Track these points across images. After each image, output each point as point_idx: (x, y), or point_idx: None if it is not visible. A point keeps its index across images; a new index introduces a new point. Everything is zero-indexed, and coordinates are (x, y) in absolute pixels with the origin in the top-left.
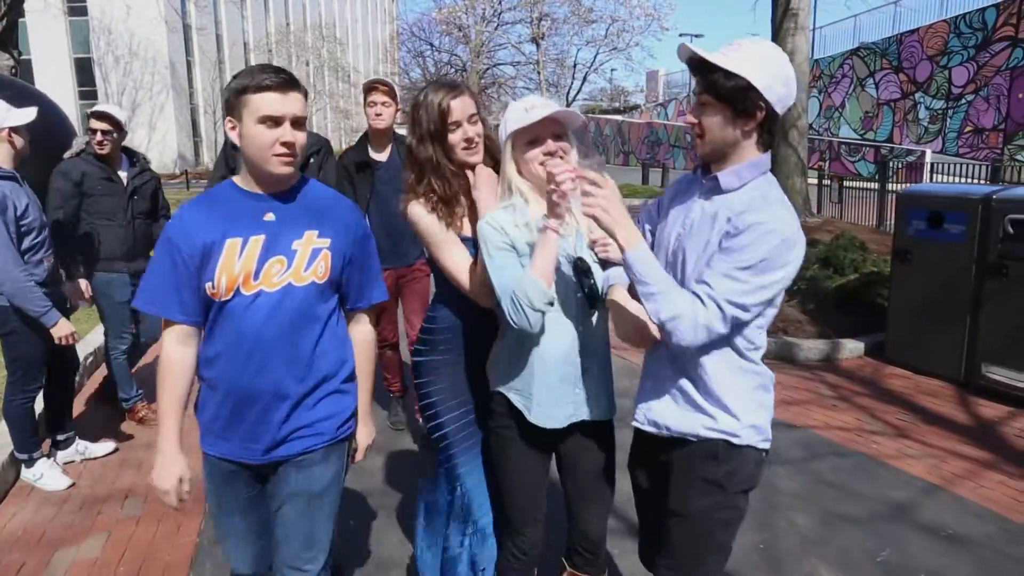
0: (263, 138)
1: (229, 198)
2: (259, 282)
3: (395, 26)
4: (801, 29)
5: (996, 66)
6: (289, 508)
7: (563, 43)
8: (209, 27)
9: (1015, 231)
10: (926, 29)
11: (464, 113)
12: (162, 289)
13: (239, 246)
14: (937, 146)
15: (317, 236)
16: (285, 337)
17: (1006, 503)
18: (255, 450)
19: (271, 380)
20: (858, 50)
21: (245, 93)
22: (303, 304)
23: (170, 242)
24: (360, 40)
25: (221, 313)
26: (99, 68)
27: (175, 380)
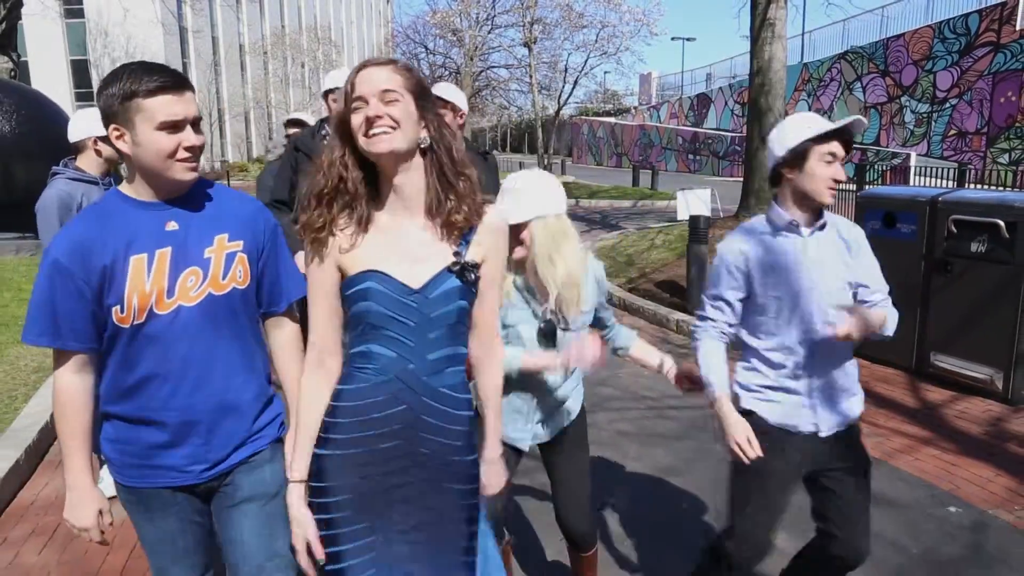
0: (164, 145)
1: (121, 210)
2: (175, 298)
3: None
4: (778, 38)
5: (979, 71)
6: (244, 517)
7: (555, 47)
8: (205, 30)
9: (958, 231)
10: (912, 34)
11: None
12: (51, 318)
13: (145, 262)
14: (923, 149)
15: (228, 240)
16: (217, 350)
17: (937, 473)
18: (196, 471)
19: (211, 396)
20: (846, 54)
21: (135, 98)
22: (228, 313)
23: (59, 265)
24: (355, 42)
25: (138, 339)
26: (95, 70)
27: (77, 411)
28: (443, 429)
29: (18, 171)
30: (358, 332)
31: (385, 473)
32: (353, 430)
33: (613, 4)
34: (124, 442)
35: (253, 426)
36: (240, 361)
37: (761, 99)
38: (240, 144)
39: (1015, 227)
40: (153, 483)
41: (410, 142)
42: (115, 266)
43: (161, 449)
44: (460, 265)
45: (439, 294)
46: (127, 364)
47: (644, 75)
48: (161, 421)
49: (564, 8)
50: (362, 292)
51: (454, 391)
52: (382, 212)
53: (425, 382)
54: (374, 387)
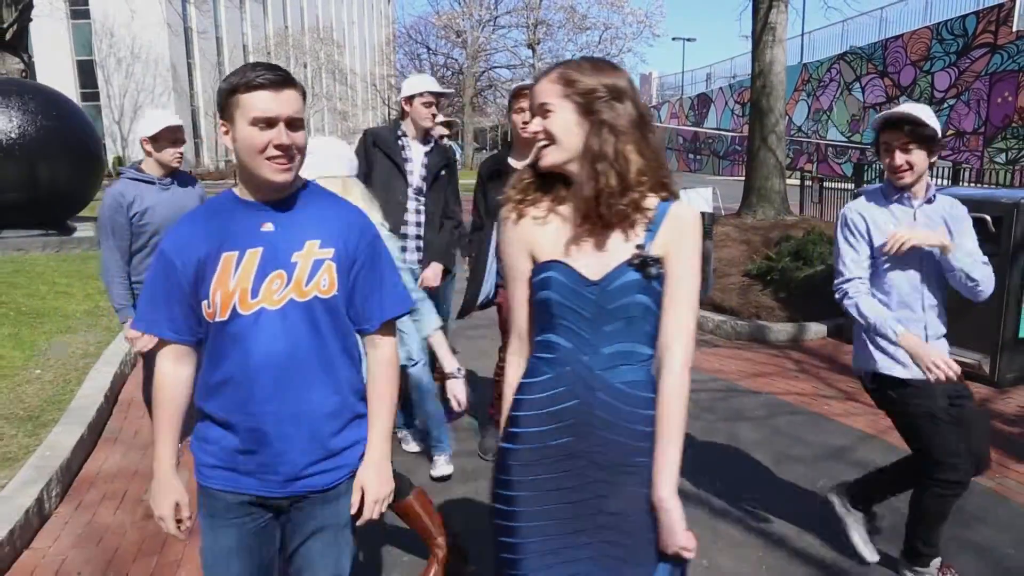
0: (255, 141)
1: (227, 208)
2: (258, 300)
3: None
4: (779, 42)
5: (976, 71)
6: (316, 543)
7: (558, 48)
8: (209, 30)
9: None
10: (910, 35)
11: None
12: (153, 305)
13: (235, 260)
14: None
15: (319, 247)
16: (295, 359)
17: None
18: (273, 482)
19: (286, 406)
20: (845, 55)
21: (236, 93)
22: (309, 322)
23: (164, 256)
24: (357, 42)
25: (222, 337)
26: (101, 70)
27: (169, 400)
28: (619, 427)
29: (41, 170)
30: (541, 321)
31: (560, 472)
32: (532, 423)
33: (615, 6)
34: (205, 440)
35: (330, 445)
36: (319, 373)
37: (762, 100)
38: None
39: (1001, 221)
40: (226, 486)
41: (569, 152)
42: (207, 260)
43: (236, 453)
44: (641, 259)
45: (616, 287)
46: (212, 362)
47: (645, 75)
48: (236, 424)
49: (567, 10)
50: (545, 281)
51: (633, 388)
52: (567, 203)
53: (600, 376)
54: (553, 379)
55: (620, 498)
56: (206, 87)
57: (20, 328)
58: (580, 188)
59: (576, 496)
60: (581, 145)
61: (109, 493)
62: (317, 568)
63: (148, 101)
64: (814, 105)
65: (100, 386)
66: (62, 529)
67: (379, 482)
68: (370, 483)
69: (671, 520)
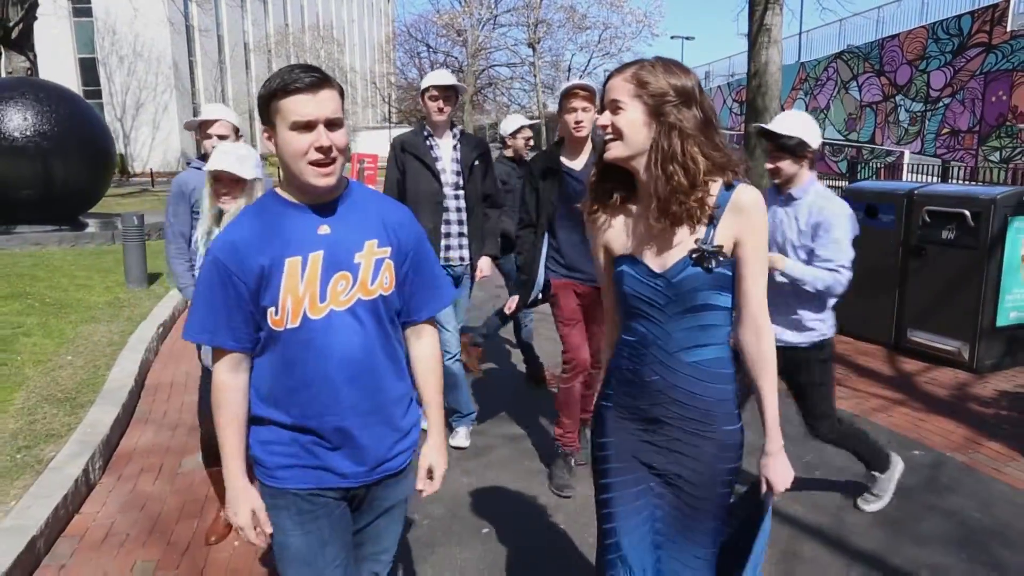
0: (296, 145)
1: (278, 212)
2: (327, 303)
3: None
4: (774, 43)
5: (971, 71)
6: (384, 519)
7: (558, 47)
8: (211, 28)
9: (931, 220)
10: (906, 34)
11: None
12: (212, 315)
13: (299, 265)
14: (916, 147)
15: (377, 246)
16: (368, 355)
17: (905, 425)
18: (358, 473)
19: (365, 400)
20: (842, 54)
21: (274, 98)
22: (375, 318)
23: (219, 264)
24: (356, 40)
25: (293, 343)
26: (103, 68)
27: (233, 410)
28: (696, 400)
29: (56, 168)
30: (624, 309)
31: (646, 429)
32: (620, 391)
33: (615, 6)
34: (281, 443)
35: (400, 428)
36: (388, 365)
37: (758, 99)
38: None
39: (979, 216)
40: (307, 484)
41: (634, 148)
42: (272, 268)
43: (321, 450)
44: (700, 252)
45: (681, 279)
46: (285, 367)
47: None
48: (320, 423)
49: (567, 10)
50: (619, 274)
51: (709, 366)
52: (637, 199)
53: (675, 356)
54: (635, 358)
55: (696, 460)
56: (207, 85)
57: (47, 318)
58: (651, 186)
59: (659, 451)
60: (645, 144)
61: (146, 466)
62: (382, 541)
63: (150, 99)
64: (811, 103)
65: (129, 371)
66: (107, 497)
67: (443, 458)
68: (437, 461)
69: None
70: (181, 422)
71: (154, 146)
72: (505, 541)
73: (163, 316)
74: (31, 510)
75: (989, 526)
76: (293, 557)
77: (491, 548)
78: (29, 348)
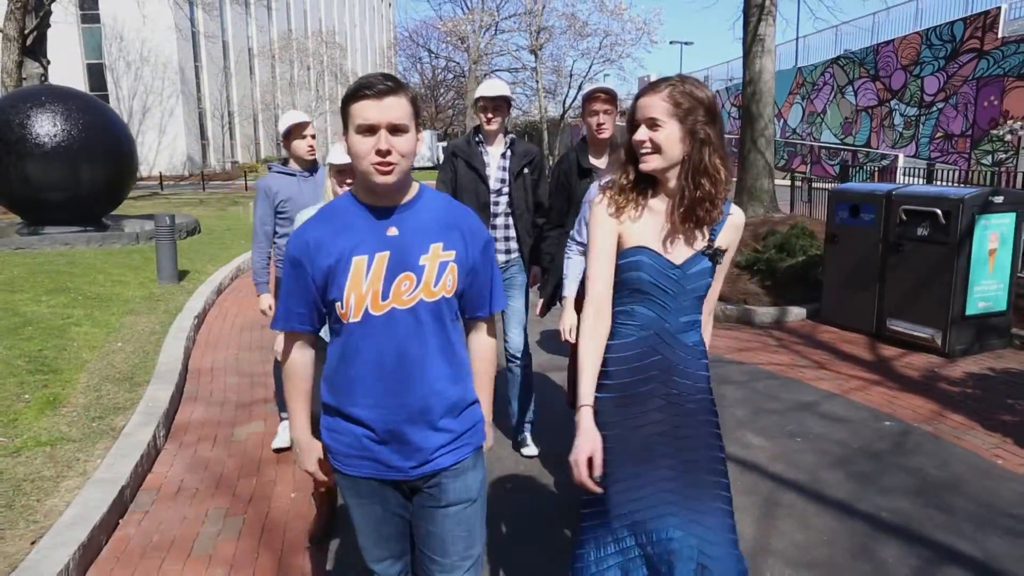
0: (360, 147)
1: (349, 212)
2: (389, 300)
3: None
4: (767, 52)
5: (964, 76)
6: (448, 517)
7: (560, 53)
8: (216, 34)
9: (908, 218)
10: (901, 40)
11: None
12: (289, 305)
13: (365, 264)
14: (911, 151)
15: (442, 249)
16: (425, 354)
17: (879, 402)
18: (406, 467)
19: (418, 399)
20: (838, 59)
21: (347, 104)
22: (436, 319)
23: (294, 259)
24: (359, 45)
25: (356, 336)
26: (110, 73)
27: (301, 379)
28: (689, 374)
29: (83, 171)
30: (624, 295)
31: (646, 411)
32: (621, 376)
33: (615, 14)
34: (340, 432)
35: (456, 429)
36: (445, 366)
37: (752, 106)
38: (249, 145)
39: (950, 215)
40: (364, 472)
41: (669, 161)
42: (338, 264)
43: (371, 442)
44: (713, 250)
45: (695, 271)
46: (345, 359)
47: (643, 78)
48: (371, 417)
49: (569, 17)
50: (636, 263)
51: (697, 345)
52: (656, 200)
53: (676, 337)
54: (636, 340)
55: (692, 424)
56: (212, 90)
57: (92, 310)
58: (679, 193)
59: (658, 427)
60: (679, 157)
61: (203, 436)
62: (452, 540)
63: (156, 103)
64: (808, 108)
65: (175, 356)
66: (173, 459)
67: (489, 437)
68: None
69: None
70: (227, 400)
71: (160, 150)
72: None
73: (197, 308)
74: (115, 466)
75: (944, 480)
76: (358, 532)
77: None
78: (82, 336)
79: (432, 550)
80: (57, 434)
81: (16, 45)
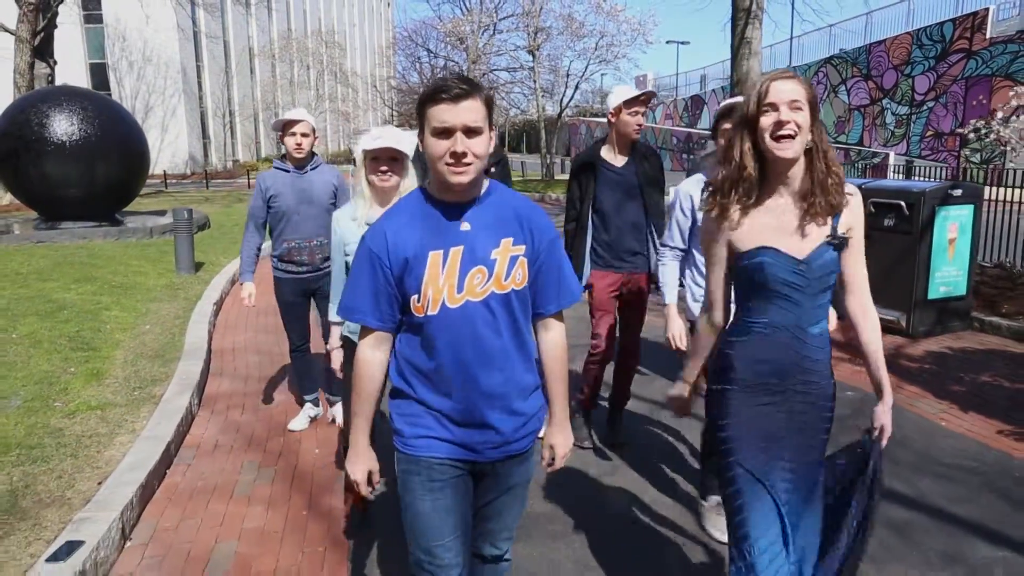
0: (435, 149)
1: (424, 209)
2: (463, 293)
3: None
4: (754, 54)
5: (953, 75)
6: (507, 497)
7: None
8: (218, 34)
9: (876, 210)
10: (892, 40)
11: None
12: (362, 297)
13: (441, 258)
14: (902, 149)
15: (512, 244)
16: (499, 344)
17: (846, 376)
18: (484, 450)
19: (495, 385)
20: (831, 59)
21: (424, 106)
22: (507, 311)
23: (371, 253)
24: (357, 44)
25: (434, 327)
26: (113, 73)
27: (369, 381)
28: (815, 363)
29: (98, 169)
30: (752, 296)
31: (767, 402)
32: (745, 371)
33: (611, 15)
34: (416, 416)
35: (526, 413)
36: (516, 354)
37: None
38: (250, 144)
39: (913, 207)
40: (440, 454)
41: (802, 147)
42: (416, 259)
43: (449, 426)
44: (839, 239)
45: (821, 263)
46: (424, 349)
47: (640, 78)
48: (450, 403)
49: (566, 18)
50: (758, 265)
51: (823, 337)
52: (771, 196)
53: (806, 330)
54: (765, 337)
55: (812, 413)
56: (214, 89)
57: (119, 297)
58: (809, 181)
59: (780, 414)
60: (807, 144)
61: (232, 404)
62: (505, 518)
63: (159, 103)
64: None
65: (201, 337)
66: (207, 423)
67: (566, 440)
68: (559, 441)
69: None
70: (250, 375)
71: (162, 148)
72: None
73: (215, 296)
74: (160, 426)
75: (893, 438)
76: (418, 517)
77: None
78: (113, 320)
79: (492, 523)
80: (104, 400)
81: (28, 47)
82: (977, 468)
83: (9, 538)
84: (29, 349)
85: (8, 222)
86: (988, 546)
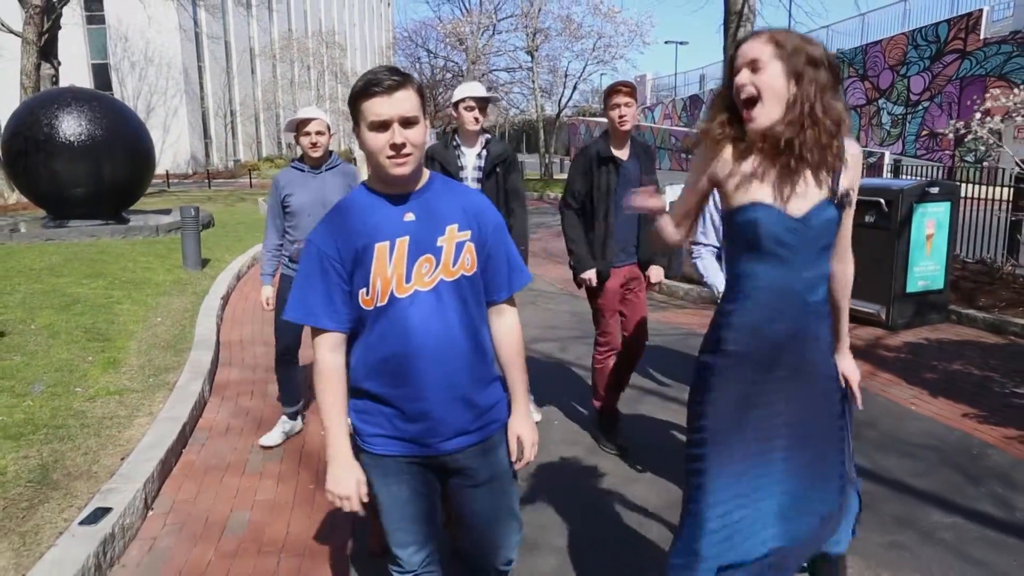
0: (374, 143)
1: (367, 203)
2: (412, 283)
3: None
4: None
5: (948, 76)
6: (487, 492)
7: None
8: (219, 35)
9: (856, 207)
10: (888, 41)
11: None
12: (315, 299)
13: (388, 249)
14: (898, 148)
15: (458, 230)
16: (450, 333)
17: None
18: (434, 444)
19: (445, 376)
20: None
21: (357, 101)
22: (458, 298)
23: (320, 252)
24: (358, 44)
25: (382, 320)
26: (115, 73)
27: (335, 387)
28: (816, 334)
29: (105, 168)
30: (743, 255)
31: (769, 379)
32: (742, 342)
33: (608, 17)
34: (369, 413)
35: (482, 406)
36: (470, 343)
37: None
38: (251, 144)
39: (892, 204)
40: (393, 452)
41: (774, 110)
42: (364, 251)
43: (399, 422)
44: (839, 196)
45: (820, 222)
46: (373, 344)
47: (638, 77)
48: (399, 397)
49: (564, 20)
50: (752, 221)
51: (824, 302)
52: (767, 150)
53: (802, 296)
54: (758, 304)
55: (814, 386)
56: (216, 89)
57: (130, 292)
58: (796, 138)
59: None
60: (785, 99)
61: (241, 391)
62: (487, 514)
63: (160, 103)
64: None
65: (209, 329)
66: (219, 408)
67: (530, 429)
68: (524, 431)
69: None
70: (258, 364)
71: (164, 148)
72: None
73: (222, 291)
74: (175, 409)
75: (862, 419)
76: (382, 504)
77: None
78: (125, 312)
79: (477, 523)
80: (122, 386)
81: (35, 48)
82: (939, 447)
83: (44, 505)
84: (48, 340)
85: (16, 220)
86: (940, 512)
